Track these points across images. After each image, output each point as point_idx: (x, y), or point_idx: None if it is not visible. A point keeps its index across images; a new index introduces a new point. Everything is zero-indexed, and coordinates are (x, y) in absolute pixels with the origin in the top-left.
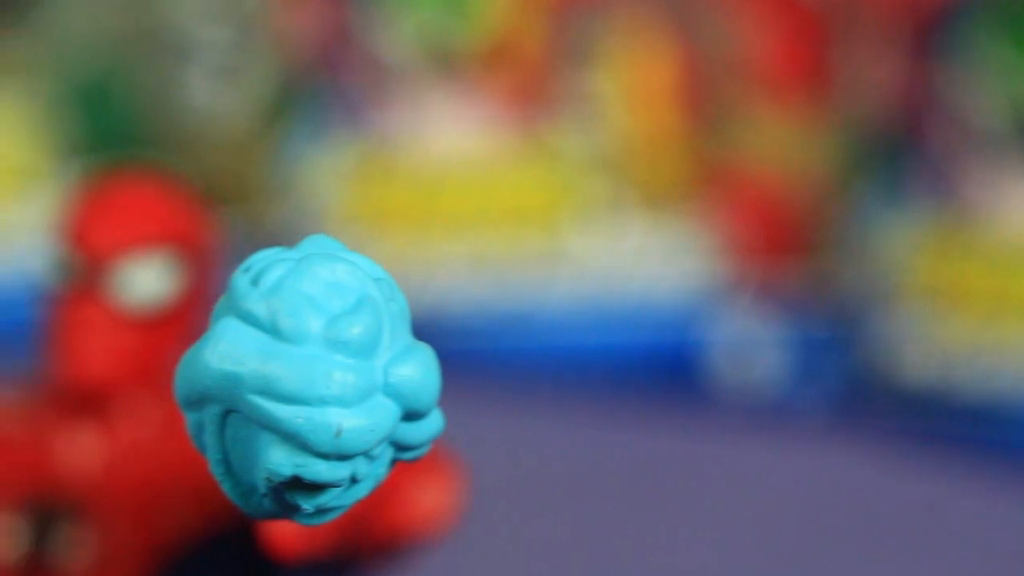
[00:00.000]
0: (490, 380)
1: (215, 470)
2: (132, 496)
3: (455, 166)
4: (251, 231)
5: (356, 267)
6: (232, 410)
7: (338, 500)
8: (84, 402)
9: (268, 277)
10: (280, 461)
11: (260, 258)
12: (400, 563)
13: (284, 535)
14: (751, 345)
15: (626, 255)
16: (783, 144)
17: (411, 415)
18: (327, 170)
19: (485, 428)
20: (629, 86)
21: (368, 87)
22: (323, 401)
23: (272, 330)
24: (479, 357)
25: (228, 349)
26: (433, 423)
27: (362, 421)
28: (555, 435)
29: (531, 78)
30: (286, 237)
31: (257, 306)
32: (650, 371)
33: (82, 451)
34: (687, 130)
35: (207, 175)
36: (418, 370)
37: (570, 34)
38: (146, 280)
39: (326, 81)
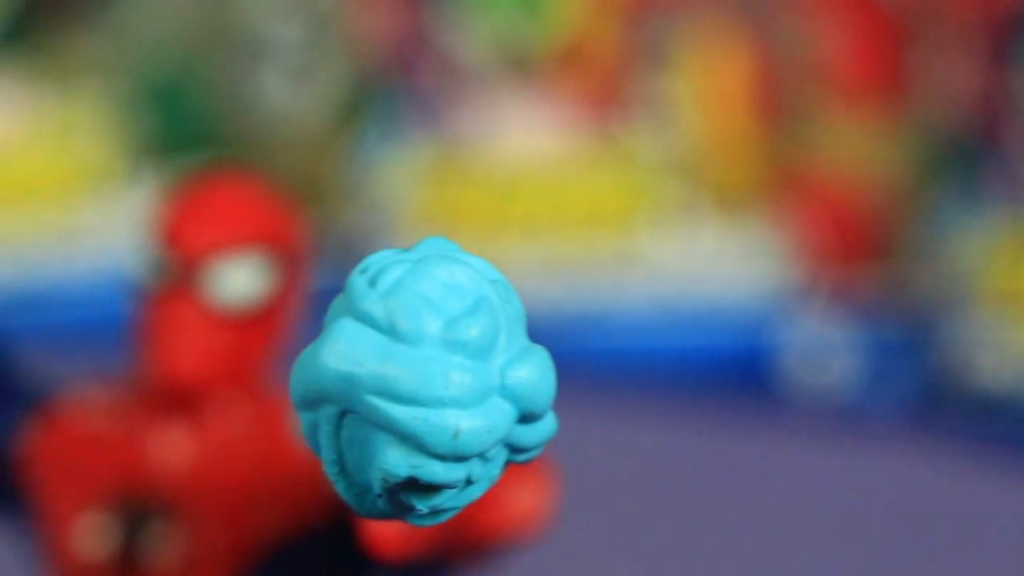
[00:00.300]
0: (562, 383)
1: (329, 471)
2: (222, 496)
3: (529, 168)
4: (324, 231)
5: (473, 269)
6: (348, 411)
7: (452, 501)
8: (176, 400)
9: (386, 278)
10: (396, 462)
11: (377, 259)
12: (494, 564)
13: (384, 535)
14: (824, 349)
15: (700, 258)
16: (858, 148)
17: (526, 417)
18: (401, 171)
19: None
20: (704, 89)
21: (442, 88)
22: (441, 402)
23: (390, 331)
24: (552, 360)
25: (346, 350)
26: (547, 425)
27: (479, 422)
28: (627, 437)
29: (605, 80)
30: (359, 238)
31: (375, 307)
32: (723, 374)
33: (173, 450)
34: (761, 133)
35: (281, 175)
36: (534, 372)
37: (644, 36)
38: (239, 279)
39: (400, 82)
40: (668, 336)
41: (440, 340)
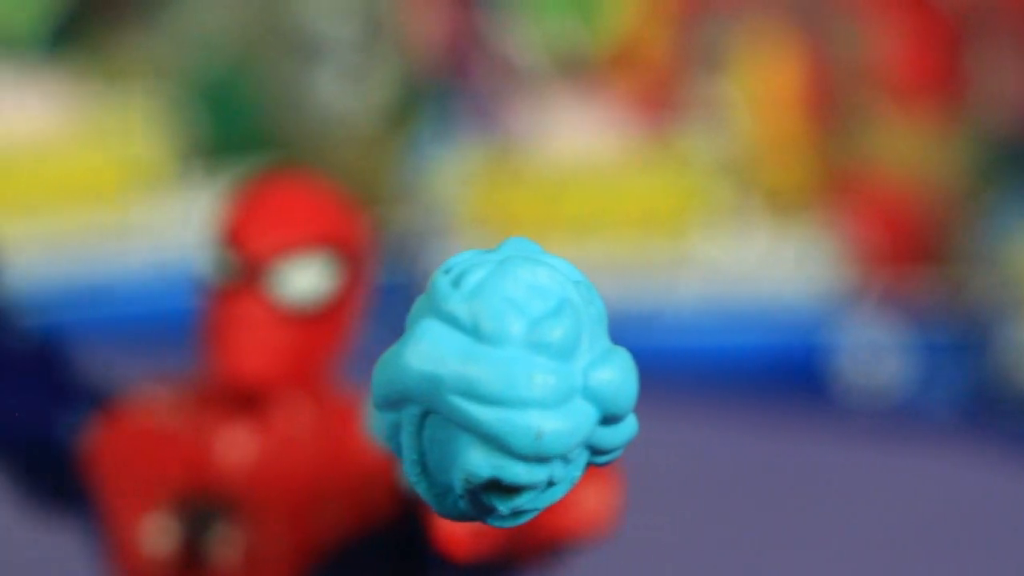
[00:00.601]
0: None
1: (410, 471)
2: (285, 495)
3: (581, 169)
4: (377, 231)
5: (556, 270)
6: (431, 411)
7: (533, 503)
8: (240, 399)
9: (469, 279)
10: (479, 463)
11: (460, 260)
12: (559, 563)
13: (454, 534)
14: (877, 350)
15: (752, 259)
16: (911, 150)
17: (608, 419)
18: (453, 172)
19: None
20: (756, 91)
21: (495, 90)
22: (524, 403)
23: (473, 332)
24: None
25: (429, 350)
26: (628, 427)
27: (562, 424)
28: (679, 436)
29: (658, 83)
30: (411, 238)
31: (458, 308)
32: (775, 375)
33: (237, 449)
34: (814, 135)
35: (333, 176)
36: (617, 374)
37: (697, 39)
38: (304, 279)
39: (453, 83)
40: (720, 337)
41: (524, 341)
